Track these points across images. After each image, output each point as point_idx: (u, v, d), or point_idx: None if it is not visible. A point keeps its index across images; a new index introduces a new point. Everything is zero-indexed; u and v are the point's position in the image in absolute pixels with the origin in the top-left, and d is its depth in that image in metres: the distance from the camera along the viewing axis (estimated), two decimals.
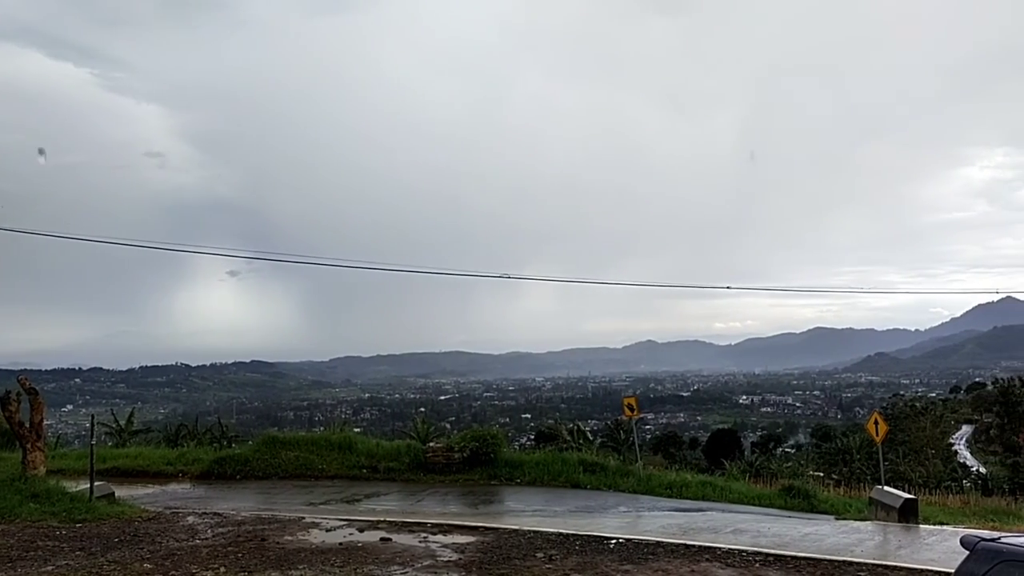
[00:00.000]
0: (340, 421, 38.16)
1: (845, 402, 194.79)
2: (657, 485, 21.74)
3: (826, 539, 14.95)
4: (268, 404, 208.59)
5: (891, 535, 15.80)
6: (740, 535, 15.18)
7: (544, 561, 12.24)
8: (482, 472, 22.25)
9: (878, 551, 13.98)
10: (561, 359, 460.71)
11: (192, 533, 14.49)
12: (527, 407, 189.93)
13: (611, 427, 47.40)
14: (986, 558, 5.23)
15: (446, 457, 22.70)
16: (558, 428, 39.52)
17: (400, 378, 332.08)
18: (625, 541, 13.73)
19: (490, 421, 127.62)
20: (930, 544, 14.29)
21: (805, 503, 20.99)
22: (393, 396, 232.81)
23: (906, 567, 12.07)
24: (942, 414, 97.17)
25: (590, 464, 22.93)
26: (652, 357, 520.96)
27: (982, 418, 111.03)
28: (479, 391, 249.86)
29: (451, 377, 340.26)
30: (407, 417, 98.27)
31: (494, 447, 22.89)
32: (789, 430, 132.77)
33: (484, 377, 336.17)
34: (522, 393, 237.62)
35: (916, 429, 63.98)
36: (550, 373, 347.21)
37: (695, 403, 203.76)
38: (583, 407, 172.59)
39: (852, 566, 12.11)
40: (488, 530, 14.71)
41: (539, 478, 21.92)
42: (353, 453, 23.77)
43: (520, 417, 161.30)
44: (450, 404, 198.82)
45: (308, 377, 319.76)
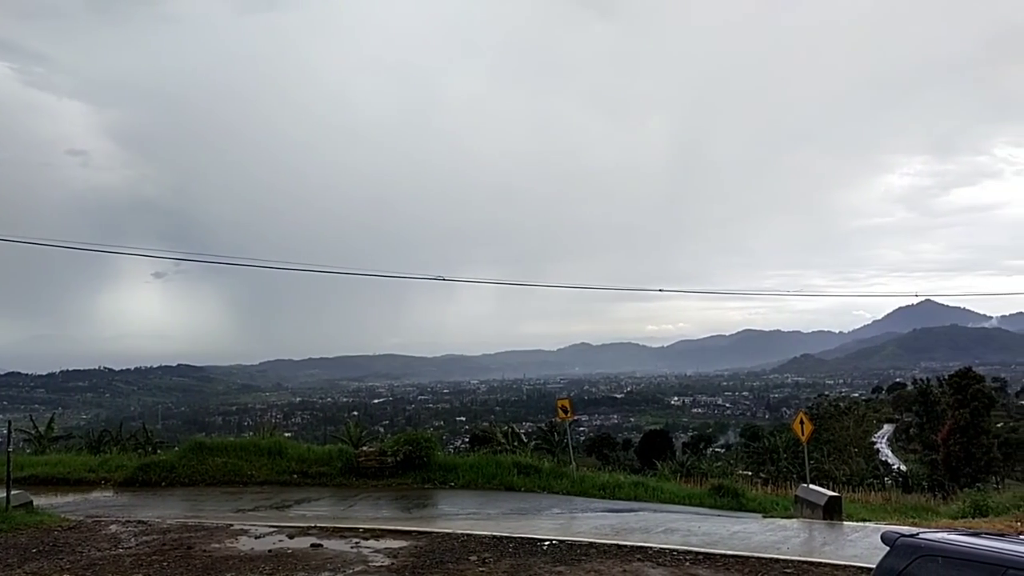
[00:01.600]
0: (270, 426, 37.31)
1: (773, 402, 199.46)
2: (590, 486, 21.89)
3: (754, 537, 15.24)
4: (195, 409, 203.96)
5: (816, 532, 16.20)
6: (671, 534, 15.37)
7: (477, 564, 12.20)
8: (416, 476, 22.07)
9: (803, 548, 14.31)
10: (496, 362, 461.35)
11: (115, 542, 14.02)
12: (462, 410, 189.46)
13: (545, 429, 47.50)
14: (906, 553, 5.39)
15: (379, 461, 22.43)
16: (492, 431, 39.44)
17: (332, 382, 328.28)
18: (558, 543, 13.77)
19: (424, 424, 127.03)
20: (853, 540, 14.69)
21: (734, 502, 21.41)
22: (325, 400, 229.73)
23: (830, 563, 12.39)
24: (864, 414, 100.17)
25: (524, 466, 22.94)
26: (586, 359, 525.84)
27: (902, 417, 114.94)
28: (413, 394, 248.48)
29: (385, 380, 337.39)
30: (339, 421, 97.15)
31: (428, 450, 22.72)
32: (719, 430, 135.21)
33: (418, 380, 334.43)
34: (457, 396, 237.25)
35: (840, 428, 65.79)
36: (485, 376, 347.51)
37: (628, 405, 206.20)
38: (518, 409, 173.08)
39: (779, 563, 12.37)
40: (421, 534, 14.59)
41: (473, 481, 21.85)
42: (283, 458, 23.29)
43: (455, 420, 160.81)
44: (384, 408, 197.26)
45: (237, 381, 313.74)
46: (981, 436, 61.02)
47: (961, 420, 60.88)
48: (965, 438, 60.18)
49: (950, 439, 61.44)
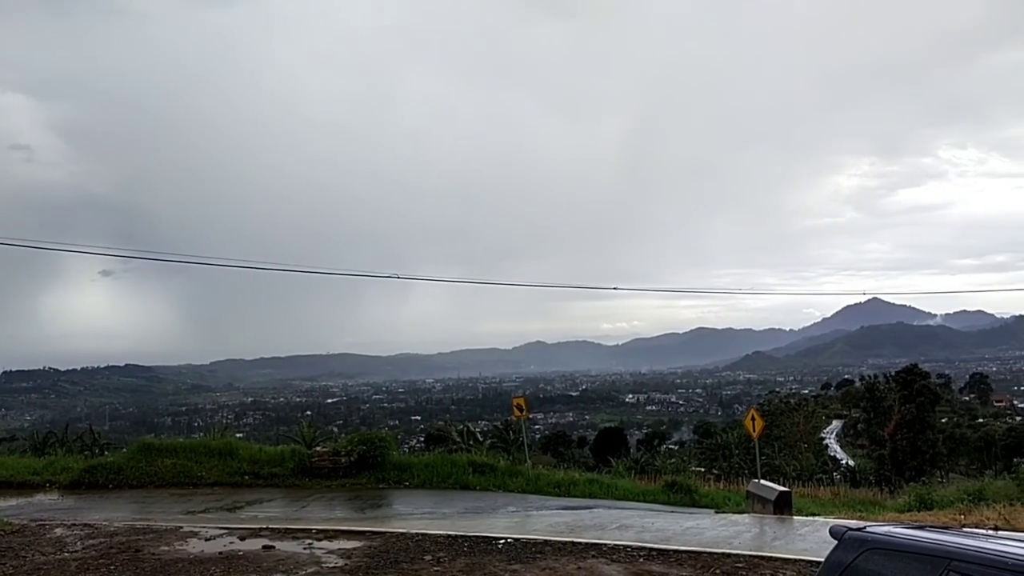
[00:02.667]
0: (221, 426, 36.75)
1: (725, 399, 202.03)
2: (546, 484, 21.96)
3: (706, 532, 15.41)
4: (144, 410, 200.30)
5: (767, 527, 16.44)
6: (625, 531, 15.48)
7: (432, 563, 12.14)
8: (370, 476, 21.93)
9: (755, 543, 14.52)
10: (452, 360, 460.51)
11: (60, 546, 13.67)
12: (417, 409, 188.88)
13: (501, 428, 47.43)
14: (853, 546, 5.46)
15: (332, 461, 22.23)
16: (448, 430, 39.36)
17: (285, 381, 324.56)
18: (513, 541, 13.76)
19: (379, 424, 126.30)
20: (803, 535, 14.94)
21: (687, 498, 21.64)
22: (278, 400, 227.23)
23: (781, 557, 12.58)
24: (814, 410, 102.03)
25: (480, 465, 22.92)
26: (542, 358, 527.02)
27: (851, 413, 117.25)
28: (368, 393, 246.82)
29: (339, 380, 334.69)
30: (292, 421, 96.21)
31: (382, 450, 22.59)
32: (673, 427, 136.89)
33: (373, 379, 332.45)
34: (412, 395, 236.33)
35: (790, 424, 66.89)
36: (440, 374, 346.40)
37: (583, 402, 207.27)
38: (473, 408, 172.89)
39: (730, 558, 12.52)
40: (375, 534, 14.48)
41: (428, 480, 21.76)
42: (235, 459, 22.92)
43: (410, 419, 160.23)
44: (338, 407, 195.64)
45: (187, 381, 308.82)
46: (926, 431, 62.66)
47: (907, 416, 62.42)
48: (911, 433, 61.73)
49: (897, 434, 62.97)
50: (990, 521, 14.76)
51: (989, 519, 15.08)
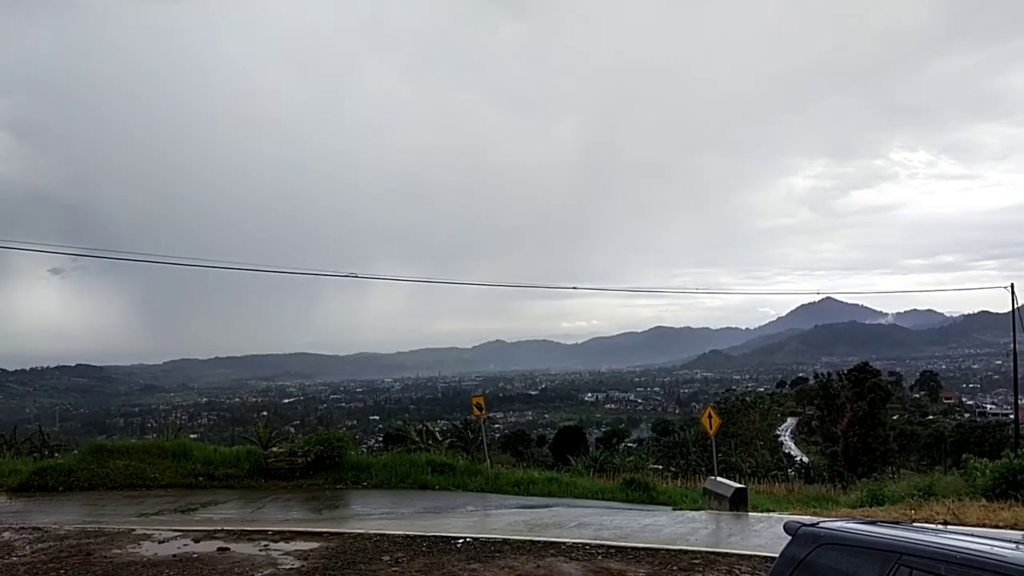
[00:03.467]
0: (175, 427, 36.14)
1: (683, 397, 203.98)
2: (505, 483, 21.98)
3: (664, 529, 15.55)
4: (95, 411, 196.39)
5: (723, 523, 16.63)
6: (584, 529, 15.54)
7: (390, 564, 12.06)
8: (327, 476, 21.75)
9: (711, 539, 14.68)
10: (410, 359, 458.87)
11: (8, 550, 13.31)
12: (375, 409, 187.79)
13: (460, 427, 47.38)
14: (807, 542, 5.54)
15: (289, 462, 21.99)
16: (407, 429, 39.17)
17: (241, 381, 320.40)
18: (472, 540, 13.74)
19: (336, 424, 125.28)
20: (758, 531, 15.14)
21: (645, 495, 21.81)
22: (233, 400, 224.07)
23: (736, 553, 12.74)
24: (769, 407, 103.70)
25: (439, 465, 22.88)
26: (501, 357, 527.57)
27: (805, 410, 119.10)
28: (325, 393, 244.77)
29: (296, 379, 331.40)
30: (248, 422, 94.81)
31: (340, 450, 22.42)
32: (631, 425, 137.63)
33: (330, 379, 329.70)
34: (370, 395, 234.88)
35: (746, 422, 67.81)
36: (399, 374, 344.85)
37: (543, 401, 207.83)
38: (432, 407, 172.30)
39: (687, 554, 12.64)
40: (333, 535, 14.35)
41: (387, 480, 21.66)
42: (189, 460, 22.58)
43: (368, 419, 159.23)
44: (294, 407, 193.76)
45: (140, 381, 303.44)
46: (878, 428, 63.80)
47: (859, 412, 63.51)
48: (863, 430, 62.80)
49: (849, 431, 64.04)
50: (940, 516, 15.08)
51: (939, 514, 15.40)
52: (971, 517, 14.99)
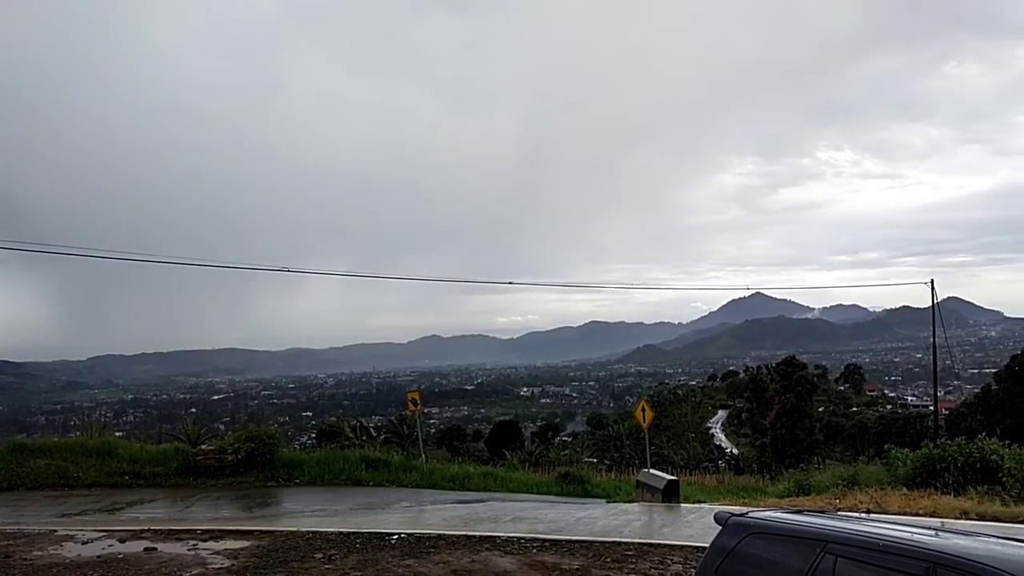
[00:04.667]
0: (99, 425, 35.04)
1: (617, 391, 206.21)
2: (440, 478, 21.93)
3: (598, 522, 15.70)
4: (15, 408, 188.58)
5: (656, 515, 16.88)
6: (519, 523, 15.60)
7: (323, 561, 11.92)
8: (258, 474, 21.44)
9: (644, 530, 14.89)
10: (344, 355, 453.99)
11: None
12: (308, 405, 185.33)
13: (395, 423, 47.08)
14: (736, 532, 5.67)
15: (218, 460, 21.60)
16: (340, 425, 38.79)
17: (168, 378, 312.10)
18: (407, 536, 13.68)
19: (268, 421, 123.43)
20: (690, 521, 15.41)
21: (580, 488, 21.97)
22: (160, 397, 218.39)
23: (668, 544, 12.94)
24: (701, 400, 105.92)
25: (373, 461, 22.74)
26: (437, 352, 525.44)
27: (735, 403, 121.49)
28: (256, 390, 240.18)
29: (226, 376, 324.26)
30: (176, 419, 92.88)
31: (271, 447, 22.12)
32: (567, 419, 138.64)
33: (262, 375, 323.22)
34: (303, 391, 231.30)
35: (679, 415, 69.13)
36: (333, 369, 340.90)
37: (479, 396, 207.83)
38: (367, 403, 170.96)
39: (621, 546, 12.80)
40: (264, 533, 14.13)
41: (320, 477, 21.46)
42: (114, 459, 22.03)
43: (301, 416, 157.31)
44: (224, 404, 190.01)
45: (62, 378, 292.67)
46: (805, 420, 65.60)
47: (787, 405, 65.17)
48: (791, 422, 64.48)
49: (777, 423, 65.69)
50: (863, 505, 15.53)
51: (862, 503, 15.87)
52: (893, 506, 15.48)
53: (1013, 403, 42.35)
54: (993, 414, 43.90)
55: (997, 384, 47.98)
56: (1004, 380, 46.16)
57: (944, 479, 17.08)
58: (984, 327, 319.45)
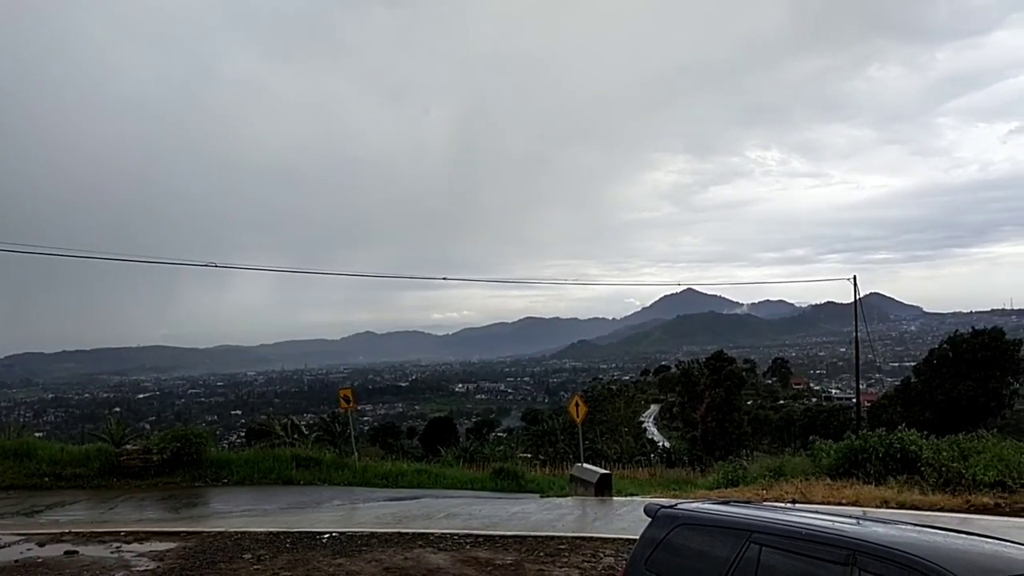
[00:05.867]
0: (17, 426, 33.79)
1: (552, 387, 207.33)
2: (373, 476, 21.78)
3: (531, 516, 15.78)
4: None
5: (589, 508, 17.04)
6: (453, 519, 15.59)
7: (252, 562, 11.72)
8: (185, 474, 21.00)
9: (577, 524, 15.01)
10: (275, 352, 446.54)
11: None
12: (237, 403, 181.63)
13: (328, 420, 46.43)
14: (665, 523, 5.77)
15: (143, 460, 21.08)
16: (271, 424, 37.98)
17: (91, 376, 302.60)
18: (339, 535, 13.54)
19: (196, 420, 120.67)
20: (622, 514, 15.59)
21: (514, 484, 22.07)
22: (83, 396, 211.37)
23: (601, 537, 13.09)
24: (634, 395, 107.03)
25: (304, 459, 22.48)
26: (371, 348, 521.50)
27: (667, 397, 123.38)
28: (183, 388, 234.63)
29: (151, 374, 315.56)
30: (99, 419, 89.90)
31: (198, 447, 21.67)
32: (502, 415, 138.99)
33: (189, 373, 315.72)
34: (232, 389, 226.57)
35: (612, 409, 69.67)
36: (263, 367, 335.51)
37: (413, 393, 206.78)
38: (298, 401, 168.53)
39: (554, 540, 12.89)
40: (190, 534, 13.83)
41: (249, 477, 21.13)
42: (32, 460, 21.35)
43: (230, 414, 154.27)
44: (150, 403, 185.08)
45: None
46: (734, 413, 67.04)
47: (717, 399, 66.49)
48: (720, 415, 65.83)
49: (708, 416, 66.99)
50: (788, 495, 15.90)
51: (788, 493, 16.24)
52: (817, 495, 15.89)
53: (931, 395, 43.93)
54: (912, 406, 45.44)
55: (916, 377, 49.71)
56: (923, 373, 47.83)
57: (866, 469, 17.56)
58: (904, 322, 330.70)
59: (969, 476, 15.62)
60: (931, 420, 36.16)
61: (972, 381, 41.67)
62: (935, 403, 42.63)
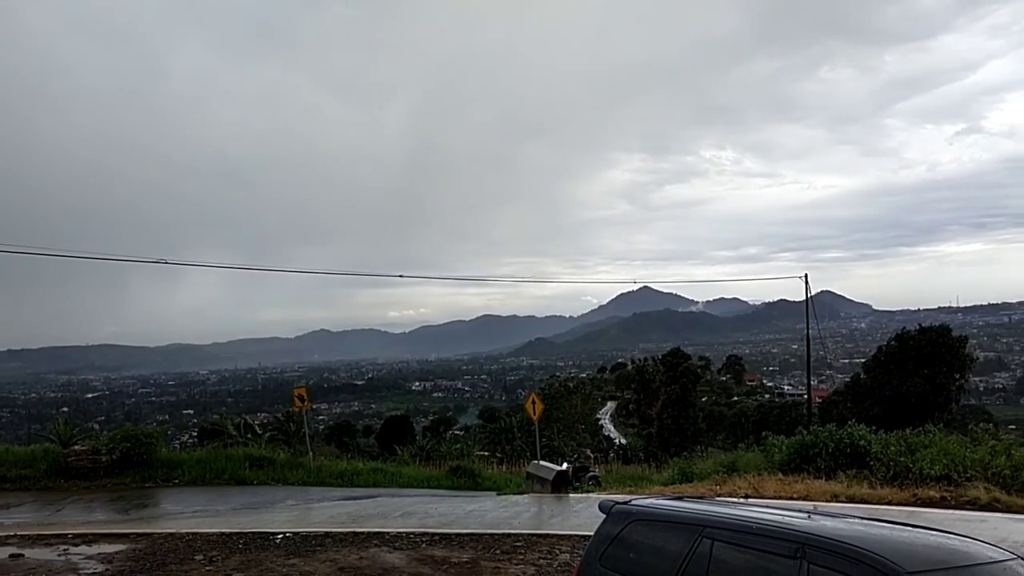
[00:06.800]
0: None
1: (509, 384, 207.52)
2: (328, 475, 21.61)
3: (488, 514, 15.78)
4: None
5: (545, 506, 17.09)
6: (409, 518, 15.53)
7: (204, 563, 11.55)
8: (135, 475, 20.65)
9: (533, 521, 15.05)
10: (228, 350, 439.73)
11: None
12: (189, 403, 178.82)
13: (282, 419, 46.01)
14: (619, 519, 5.82)
15: (92, 461, 20.67)
16: (223, 423, 37.50)
17: (38, 375, 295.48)
18: (293, 535, 13.41)
19: (147, 419, 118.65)
20: (578, 511, 15.66)
21: (471, 482, 22.06)
22: (29, 396, 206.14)
23: (557, 534, 13.14)
24: (590, 392, 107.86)
25: (257, 459, 22.24)
26: (326, 346, 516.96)
27: (623, 394, 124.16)
28: (134, 387, 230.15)
29: (100, 373, 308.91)
30: (47, 419, 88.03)
31: (149, 447, 21.31)
32: (459, 413, 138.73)
33: (140, 372, 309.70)
34: (184, 388, 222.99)
35: (569, 407, 70.03)
36: (216, 365, 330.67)
37: (369, 391, 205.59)
38: (252, 400, 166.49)
39: (510, 538, 12.91)
40: (140, 536, 13.59)
41: (201, 477, 20.84)
42: None
43: (182, 414, 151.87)
44: (99, 403, 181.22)
45: None
46: (689, 409, 67.63)
47: (672, 395, 67.03)
48: (676, 411, 66.35)
49: (663, 413, 67.50)
50: (741, 490, 16.13)
51: (741, 488, 16.47)
52: (769, 490, 16.14)
53: (880, 391, 44.69)
54: (862, 402, 46.21)
55: (865, 373, 50.53)
56: (872, 369, 48.61)
57: (817, 464, 17.86)
58: (855, 319, 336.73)
59: (916, 470, 15.99)
60: (880, 415, 36.78)
61: (920, 377, 42.46)
62: (884, 399, 43.35)
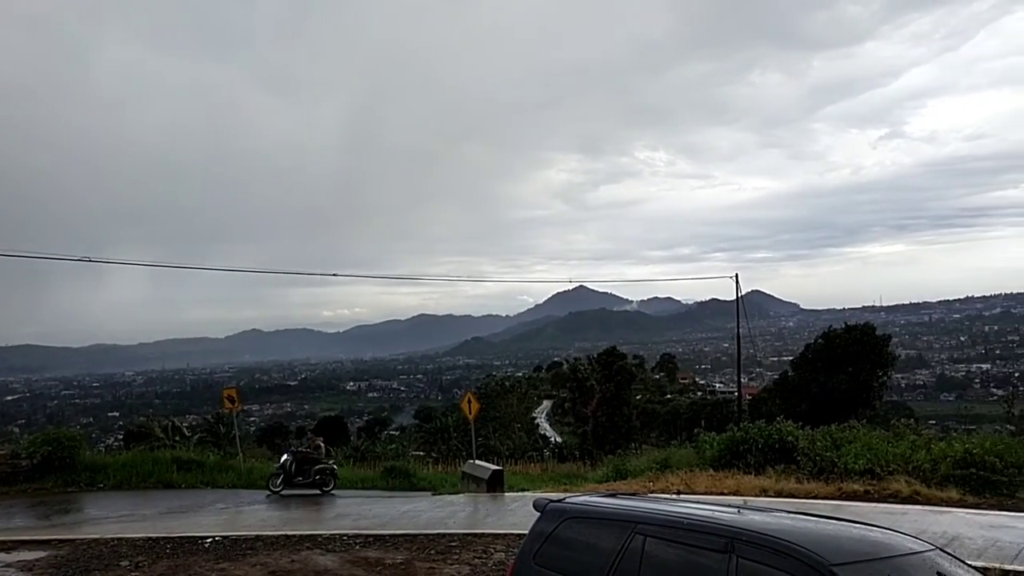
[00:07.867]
0: None
1: (445, 384, 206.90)
2: (259, 478, 21.24)
3: (423, 515, 15.71)
4: None
5: (480, 505, 17.10)
6: (342, 519, 15.37)
7: (129, 569, 11.25)
8: (57, 479, 20.01)
9: (468, 521, 15.05)
10: (155, 351, 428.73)
11: None
12: (115, 405, 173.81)
13: (211, 421, 44.99)
14: (554, 517, 5.85)
15: (12, 465, 19.98)
16: (150, 426, 36.58)
17: None
18: (222, 539, 13.14)
19: (70, 422, 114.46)
20: (513, 510, 15.70)
21: (406, 482, 21.93)
22: None
23: (492, 533, 13.16)
24: (526, 391, 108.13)
25: (185, 461, 21.76)
26: (258, 346, 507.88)
27: (559, 393, 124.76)
28: (56, 389, 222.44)
29: (20, 375, 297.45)
30: None
31: (71, 450, 20.68)
32: (394, 413, 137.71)
33: (62, 373, 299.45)
34: (109, 390, 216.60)
35: (505, 406, 70.02)
36: (142, 366, 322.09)
37: (303, 392, 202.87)
38: (180, 402, 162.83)
39: (445, 538, 12.87)
40: (63, 542, 13.15)
41: (127, 481, 20.33)
42: None
43: (107, 416, 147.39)
44: (19, 405, 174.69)
45: None
46: (623, 407, 68.44)
47: (607, 394, 67.73)
48: (610, 410, 67.08)
49: (598, 411, 68.14)
50: (674, 486, 16.39)
51: (673, 484, 16.73)
52: (701, 486, 16.44)
53: (807, 388, 45.84)
54: (790, 399, 47.29)
55: (793, 371, 51.79)
56: (799, 367, 49.87)
57: (747, 460, 18.27)
58: (783, 318, 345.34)
59: (841, 465, 16.48)
60: (807, 412, 37.71)
61: (845, 375, 43.67)
62: (811, 395, 44.47)
